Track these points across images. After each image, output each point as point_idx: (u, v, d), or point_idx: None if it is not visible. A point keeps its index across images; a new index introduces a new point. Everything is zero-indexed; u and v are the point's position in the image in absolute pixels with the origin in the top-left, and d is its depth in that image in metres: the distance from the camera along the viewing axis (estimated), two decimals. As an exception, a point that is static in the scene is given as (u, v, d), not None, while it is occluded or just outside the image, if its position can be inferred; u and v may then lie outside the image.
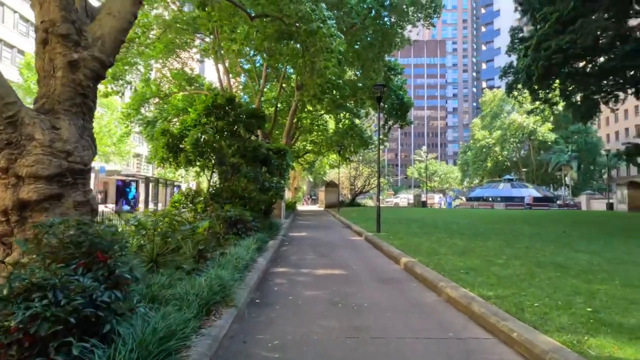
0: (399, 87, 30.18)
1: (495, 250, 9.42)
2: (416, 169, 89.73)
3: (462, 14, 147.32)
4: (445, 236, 12.47)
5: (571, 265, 7.56)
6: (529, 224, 19.06)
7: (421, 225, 16.65)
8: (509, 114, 68.57)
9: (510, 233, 14.13)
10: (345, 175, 43.91)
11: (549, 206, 39.41)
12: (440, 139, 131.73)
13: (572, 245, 11.01)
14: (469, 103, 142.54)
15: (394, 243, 10.38)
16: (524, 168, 66.71)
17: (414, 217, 21.41)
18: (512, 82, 30.83)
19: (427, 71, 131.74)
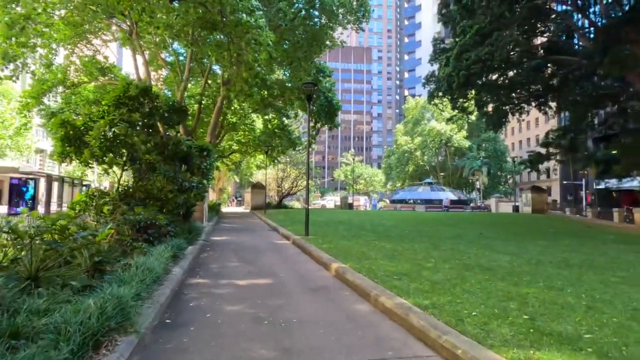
0: (327, 89, 30.17)
1: (423, 253, 9.38)
2: (343, 172, 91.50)
3: (387, 24, 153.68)
4: (374, 239, 12.36)
5: (496, 268, 7.66)
6: (448, 225, 19.87)
7: (349, 227, 16.53)
8: (429, 122, 72.52)
9: (434, 235, 14.46)
10: (273, 176, 43.12)
11: (464, 208, 42.06)
12: (366, 143, 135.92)
13: (491, 247, 11.43)
14: (392, 109, 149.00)
15: (323, 247, 9.96)
16: (442, 172, 70.90)
17: (342, 219, 21.34)
18: (434, 90, 32.38)
19: (354, 76, 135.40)
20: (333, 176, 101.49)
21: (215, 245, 11.38)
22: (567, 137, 32.18)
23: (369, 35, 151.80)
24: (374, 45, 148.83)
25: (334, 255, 8.68)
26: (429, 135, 69.00)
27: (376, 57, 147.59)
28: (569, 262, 8.97)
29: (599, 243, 14.10)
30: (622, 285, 6.40)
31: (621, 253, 11.15)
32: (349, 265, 7.37)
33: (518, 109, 32.96)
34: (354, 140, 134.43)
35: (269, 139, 33.72)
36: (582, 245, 13.16)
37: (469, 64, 21.09)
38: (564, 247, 12.09)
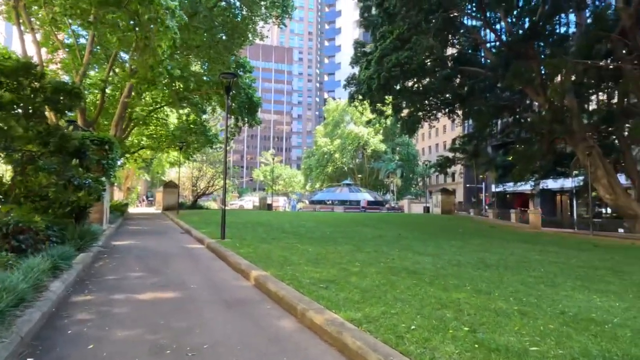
0: (248, 86, 29.05)
1: (347, 257, 8.97)
2: (262, 172, 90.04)
3: (308, 26, 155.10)
4: (295, 241, 11.74)
5: (421, 271, 7.45)
6: (368, 226, 20.01)
7: (269, 229, 15.75)
8: (349, 124, 74.27)
9: (355, 236, 14.27)
10: (187, 175, 40.66)
11: (380, 209, 43.42)
12: (286, 144, 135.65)
13: (411, 248, 11.44)
14: (312, 111, 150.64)
15: (241, 252, 9.09)
16: (359, 174, 72.95)
17: (261, 220, 20.46)
18: (354, 92, 32.85)
19: (274, 76, 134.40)
20: (252, 176, 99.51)
21: (116, 251, 9.91)
22: (472, 143, 34.62)
23: (290, 37, 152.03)
24: (295, 46, 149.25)
25: (254, 261, 7.87)
26: (348, 138, 70.61)
27: (297, 58, 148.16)
28: (486, 262, 9.16)
29: (504, 242, 15.00)
30: (540, 286, 6.50)
31: (527, 252, 11.83)
32: (270, 273, 6.63)
33: (430, 115, 34.77)
34: (274, 140, 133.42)
35: (184, 135, 31.61)
36: (491, 244, 13.85)
37: (389, 67, 21.53)
38: (476, 247, 12.57)
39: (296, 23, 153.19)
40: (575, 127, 25.07)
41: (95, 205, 12.31)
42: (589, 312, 4.75)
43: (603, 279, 7.48)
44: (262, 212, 30.72)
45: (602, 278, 7.55)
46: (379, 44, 26.67)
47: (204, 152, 39.36)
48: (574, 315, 4.58)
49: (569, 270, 8.45)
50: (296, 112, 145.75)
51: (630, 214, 23.96)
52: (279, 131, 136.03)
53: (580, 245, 15.35)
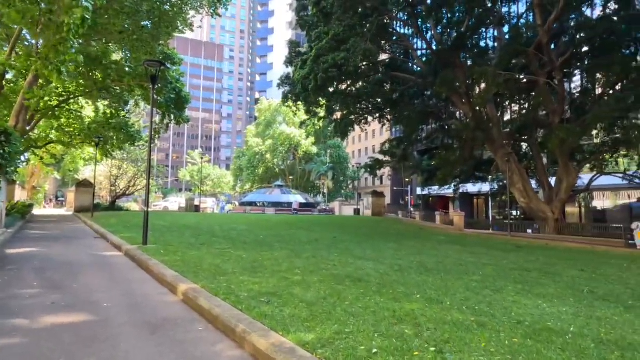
0: (176, 79, 27.24)
1: (286, 263, 8.35)
2: (189, 172, 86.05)
3: (240, 24, 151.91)
4: (228, 247, 10.87)
5: (366, 278, 7.07)
6: (302, 229, 19.52)
7: (197, 233, 14.60)
8: (281, 125, 73.50)
9: (291, 240, 13.68)
10: (105, 174, 37.28)
11: (312, 211, 43.25)
12: (215, 143, 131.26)
13: (350, 252, 11.11)
14: (243, 111, 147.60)
15: (167, 260, 8.07)
16: (291, 176, 72.49)
17: (188, 223, 19.09)
18: (288, 92, 32.33)
19: (204, 73, 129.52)
20: (178, 176, 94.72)
21: (10, 261, 8.35)
22: (401, 147, 35.74)
23: (221, 33, 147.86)
24: (226, 44, 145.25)
25: (182, 271, 6.95)
26: (280, 138, 69.82)
27: (228, 56, 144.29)
28: (426, 266, 9.06)
29: (436, 244, 15.31)
30: (485, 291, 6.39)
31: (459, 254, 12.07)
32: (201, 286, 5.81)
33: (362, 119, 35.33)
34: (202, 139, 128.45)
35: (102, 130, 28.81)
36: (425, 247, 14.03)
37: (326, 67, 21.28)
38: (412, 250, 12.60)
39: (227, 20, 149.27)
40: (495, 135, 26.77)
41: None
42: (544, 321, 4.60)
43: (538, 281, 7.64)
44: (189, 214, 28.96)
45: (537, 280, 7.71)
46: (315, 44, 26.43)
47: (125, 150, 36.34)
48: (531, 325, 4.40)
49: (504, 272, 8.59)
50: (226, 111, 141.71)
51: (541, 216, 26.05)
52: (208, 130, 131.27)
53: (504, 246, 16.16)
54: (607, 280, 8.13)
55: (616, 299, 6.25)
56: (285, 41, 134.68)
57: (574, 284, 7.41)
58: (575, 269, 9.77)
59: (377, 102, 34.85)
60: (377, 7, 23.61)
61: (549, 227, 25.53)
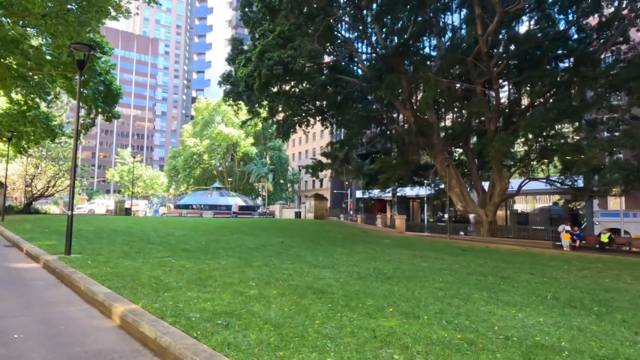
0: (105, 71, 24.97)
1: (237, 274, 7.56)
2: (118, 172, 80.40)
3: (176, 19, 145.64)
4: (167, 255, 9.79)
5: (328, 289, 6.51)
6: (245, 233, 18.59)
7: (130, 239, 13.19)
8: (219, 125, 71.05)
9: (236, 246, 12.78)
10: (20, 173, 33.37)
11: (252, 214, 42.06)
12: (147, 142, 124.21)
13: (303, 259, 10.51)
14: (178, 109, 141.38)
15: (97, 272, 6.94)
16: (229, 178, 70.33)
17: (119, 228, 17.37)
18: (230, 90, 31.08)
19: (136, 68, 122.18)
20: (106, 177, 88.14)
21: None
22: (343, 150, 35.87)
23: (156, 27, 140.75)
24: (161, 38, 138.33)
25: (116, 286, 5.92)
26: (217, 138, 67.36)
27: (163, 51, 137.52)
28: (385, 273, 8.70)
29: (385, 248, 15.16)
30: (454, 300, 6.11)
31: (412, 258, 11.94)
32: (142, 306, 4.90)
33: (304, 121, 34.96)
34: (133, 137, 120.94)
35: (16, 124, 25.60)
36: (376, 251, 13.79)
37: (271, 64, 20.50)
38: (364, 255, 12.27)
39: (163, 14, 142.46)
40: (435, 140, 27.60)
41: None
42: (531, 336, 4.33)
43: (499, 287, 7.57)
44: (119, 218, 26.65)
45: (497, 286, 7.64)
46: (259, 42, 25.57)
47: (44, 146, 32.78)
48: (521, 342, 4.10)
49: (463, 278, 8.47)
50: (160, 108, 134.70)
51: (477, 219, 27.22)
52: (140, 128, 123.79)
53: (449, 249, 16.43)
54: (559, 284, 8.29)
55: (580, 304, 6.27)
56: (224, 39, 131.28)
57: (533, 290, 7.41)
58: (524, 272, 9.96)
59: (321, 104, 34.68)
60: (323, 7, 23.33)
61: (484, 229, 26.76)
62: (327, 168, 40.22)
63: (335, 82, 31.69)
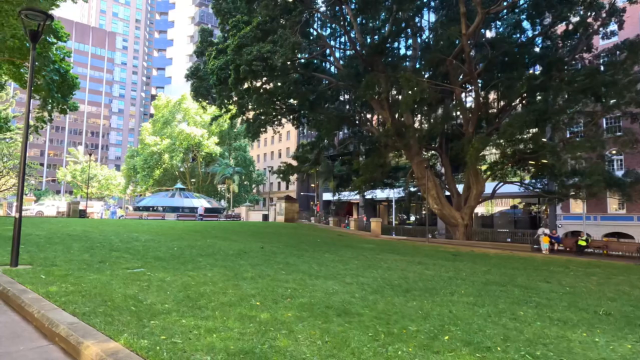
0: (60, 59, 22.61)
1: (231, 289, 6.27)
2: (70, 171, 75.30)
3: (135, 13, 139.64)
4: (139, 265, 8.29)
5: (351, 309, 5.38)
6: (218, 237, 17.08)
7: (90, 246, 11.45)
8: (180, 124, 68.05)
9: (215, 253, 11.35)
10: (-44, 170, 29.90)
11: (218, 217, 40.13)
12: (102, 141, 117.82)
13: (296, 268, 9.30)
14: (136, 107, 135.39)
15: (55, 291, 5.44)
16: (192, 179, 67.46)
17: (74, 232, 15.40)
18: (198, 85, 29.27)
19: (91, 61, 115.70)
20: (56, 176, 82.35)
21: None
22: (314, 152, 34.81)
23: (113, 20, 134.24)
24: (119, 32, 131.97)
25: (83, 312, 4.49)
26: (178, 137, 64.39)
27: (121, 46, 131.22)
28: (399, 285, 7.67)
29: (373, 253, 14.17)
30: (504, 321, 5.14)
31: (409, 265, 11.00)
32: (124, 343, 3.55)
33: (275, 120, 33.66)
34: (87, 135, 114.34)
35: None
36: (366, 257, 12.77)
37: (250, 59, 19.00)
38: (358, 262, 11.20)
39: (121, 7, 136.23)
40: (412, 142, 27.07)
41: None
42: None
43: (532, 299, 6.71)
44: (73, 221, 24.18)
45: (530, 299, 6.79)
46: (231, 33, 24.06)
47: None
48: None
49: (484, 289, 7.58)
50: (117, 105, 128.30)
51: (453, 222, 26.89)
52: (94, 125, 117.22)
53: (439, 254, 15.67)
54: (590, 295, 7.58)
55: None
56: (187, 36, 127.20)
57: (573, 303, 6.60)
58: (537, 280, 9.25)
59: (292, 103, 33.53)
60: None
61: (459, 232, 26.46)
62: (298, 171, 39.17)
63: (308, 80, 30.62)
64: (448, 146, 29.14)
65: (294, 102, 33.18)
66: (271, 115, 32.91)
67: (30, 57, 8.04)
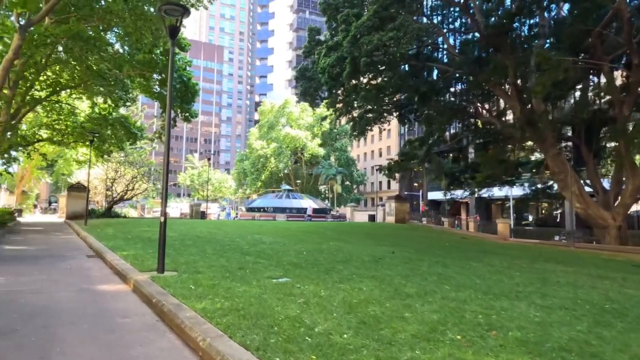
0: (182, 68, 23.90)
1: (403, 309, 5.01)
2: (189, 176, 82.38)
3: (239, 26, 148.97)
4: (280, 274, 7.49)
5: (577, 348, 3.74)
6: (339, 240, 16.14)
7: (220, 249, 11.20)
8: (284, 127, 70.14)
9: (348, 260, 10.29)
10: (101, 176, 33.71)
11: (325, 217, 39.90)
12: (214, 147, 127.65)
13: (454, 280, 7.76)
14: (242, 114, 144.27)
15: (210, 308, 4.71)
16: (297, 180, 69.09)
17: (201, 234, 15.69)
18: (307, 87, 29.06)
19: (203, 74, 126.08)
20: (177, 181, 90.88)
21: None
22: (423, 148, 32.54)
23: (220, 35, 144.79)
24: (225, 45, 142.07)
25: (254, 343, 3.58)
26: (284, 141, 66.35)
27: (228, 58, 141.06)
28: (608, 308, 5.73)
29: (526, 262, 11.95)
30: None
31: (590, 280, 8.77)
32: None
33: (381, 117, 32.22)
34: (201, 143, 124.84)
35: (99, 127, 25.31)
36: (521, 266, 10.68)
37: (370, 49, 17.77)
38: (518, 274, 9.26)
39: (227, 22, 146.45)
40: (545, 131, 23.54)
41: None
42: None
43: None
44: (196, 222, 25.49)
45: None
46: (342, 28, 23.22)
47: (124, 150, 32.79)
48: None
49: None
50: (225, 114, 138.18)
51: (600, 223, 22.77)
52: (207, 133, 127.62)
53: (614, 264, 12.77)
54: None
55: None
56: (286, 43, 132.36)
57: None
58: None
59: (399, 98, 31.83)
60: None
61: (610, 235, 22.27)
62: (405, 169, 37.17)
63: (415, 72, 28.67)
64: (588, 135, 24.86)
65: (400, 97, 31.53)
66: (378, 112, 31.62)
67: (170, 53, 7.82)
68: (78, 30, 17.98)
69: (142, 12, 18.12)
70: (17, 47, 13.90)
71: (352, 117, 32.58)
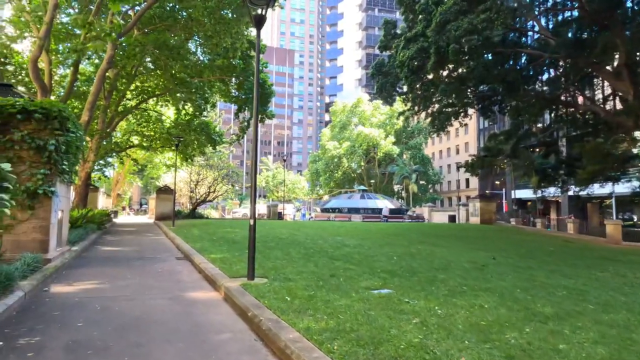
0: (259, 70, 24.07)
1: (552, 337, 3.94)
2: (264, 178, 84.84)
3: (309, 29, 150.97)
4: (378, 284, 6.67)
5: None
6: (426, 243, 14.91)
7: (305, 252, 10.65)
8: (356, 127, 69.30)
9: (450, 267, 9.18)
10: (185, 179, 35.47)
11: (403, 218, 38.39)
12: (286, 149, 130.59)
13: (591, 296, 6.38)
14: (313, 116, 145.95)
15: (315, 328, 4.03)
16: (371, 180, 67.92)
17: (282, 235, 15.36)
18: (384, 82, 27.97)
19: (275, 79, 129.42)
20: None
21: (38, 318, 4.80)
22: (510, 143, 29.79)
23: (291, 39, 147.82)
24: (296, 49, 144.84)
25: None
26: (357, 140, 65.48)
27: (298, 61, 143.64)
28: None
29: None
30: None
31: None
32: None
33: (462, 111, 30.06)
34: (274, 145, 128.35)
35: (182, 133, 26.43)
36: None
37: (459, 35, 16.34)
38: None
39: (297, 26, 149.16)
40: (665, 118, 20.21)
41: (35, 217, 7.30)
42: None
43: None
44: (275, 223, 25.58)
45: None
46: (421, 18, 21.88)
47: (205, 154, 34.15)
48: None
49: None
50: (297, 116, 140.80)
51: None
52: (279, 136, 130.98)
53: None
54: None
55: None
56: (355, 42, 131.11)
57: None
58: None
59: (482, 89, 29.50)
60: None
61: None
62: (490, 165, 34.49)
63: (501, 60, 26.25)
64: None
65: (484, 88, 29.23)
66: (459, 105, 29.58)
67: (256, 44, 7.41)
68: (164, 39, 18.71)
69: (221, 16, 18.40)
70: (110, 56, 14.61)
71: (430, 112, 30.90)
